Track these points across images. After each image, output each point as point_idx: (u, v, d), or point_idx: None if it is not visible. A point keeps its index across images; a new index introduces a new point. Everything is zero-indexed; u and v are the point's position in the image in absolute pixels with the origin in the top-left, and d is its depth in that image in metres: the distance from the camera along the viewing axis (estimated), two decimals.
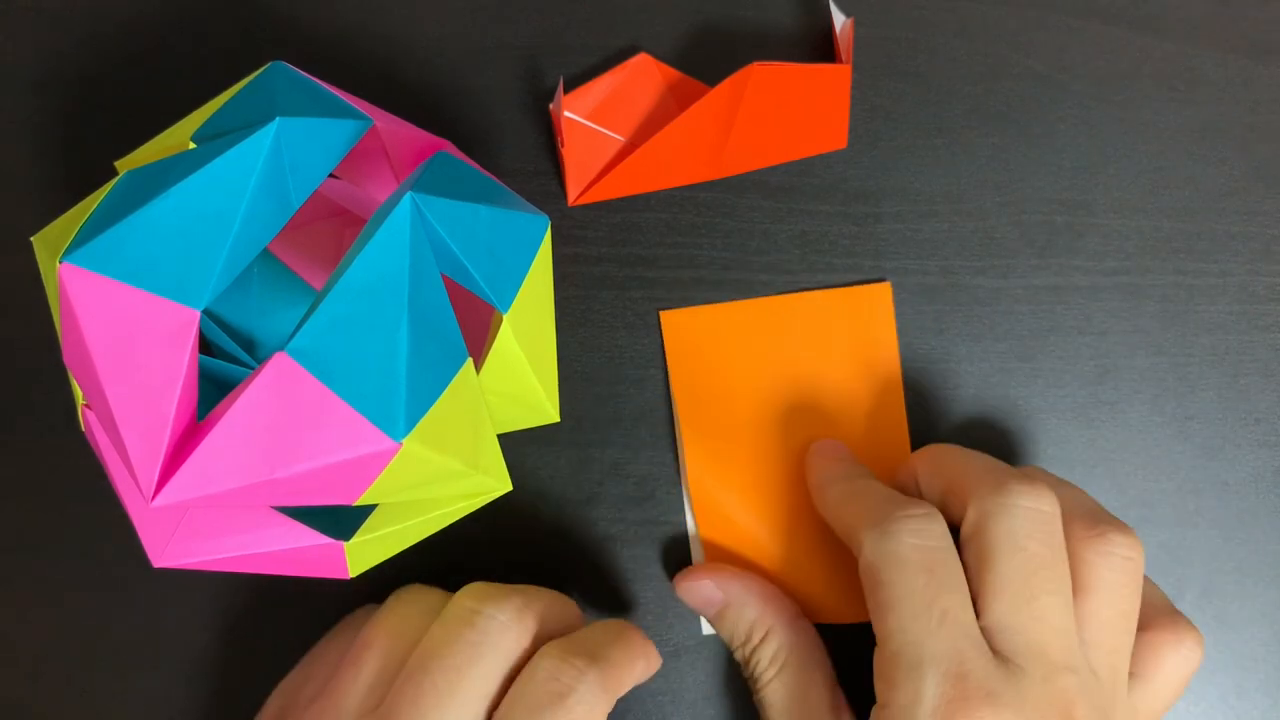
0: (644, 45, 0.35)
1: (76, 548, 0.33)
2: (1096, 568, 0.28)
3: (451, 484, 0.26)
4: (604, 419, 0.34)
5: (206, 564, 0.28)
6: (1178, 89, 0.35)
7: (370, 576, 0.33)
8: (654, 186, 0.34)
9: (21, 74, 0.34)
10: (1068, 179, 0.35)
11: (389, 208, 0.24)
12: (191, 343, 0.23)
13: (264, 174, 0.24)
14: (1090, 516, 0.29)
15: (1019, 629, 0.27)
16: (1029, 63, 0.35)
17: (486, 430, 0.26)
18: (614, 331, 0.34)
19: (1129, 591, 0.28)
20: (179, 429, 0.23)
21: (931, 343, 0.34)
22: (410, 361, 0.23)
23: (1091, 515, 0.29)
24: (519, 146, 0.34)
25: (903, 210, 0.35)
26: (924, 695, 0.26)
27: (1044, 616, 0.27)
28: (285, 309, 0.32)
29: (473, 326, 0.30)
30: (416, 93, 0.34)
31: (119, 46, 0.35)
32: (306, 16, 0.35)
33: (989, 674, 0.26)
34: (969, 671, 0.26)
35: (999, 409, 0.35)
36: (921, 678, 0.26)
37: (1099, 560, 0.28)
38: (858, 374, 0.34)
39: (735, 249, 0.34)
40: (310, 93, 0.26)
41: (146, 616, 0.33)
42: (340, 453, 0.23)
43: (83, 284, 0.22)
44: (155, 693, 0.33)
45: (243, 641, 0.33)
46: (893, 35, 0.35)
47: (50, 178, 0.34)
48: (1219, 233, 0.35)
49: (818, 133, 0.34)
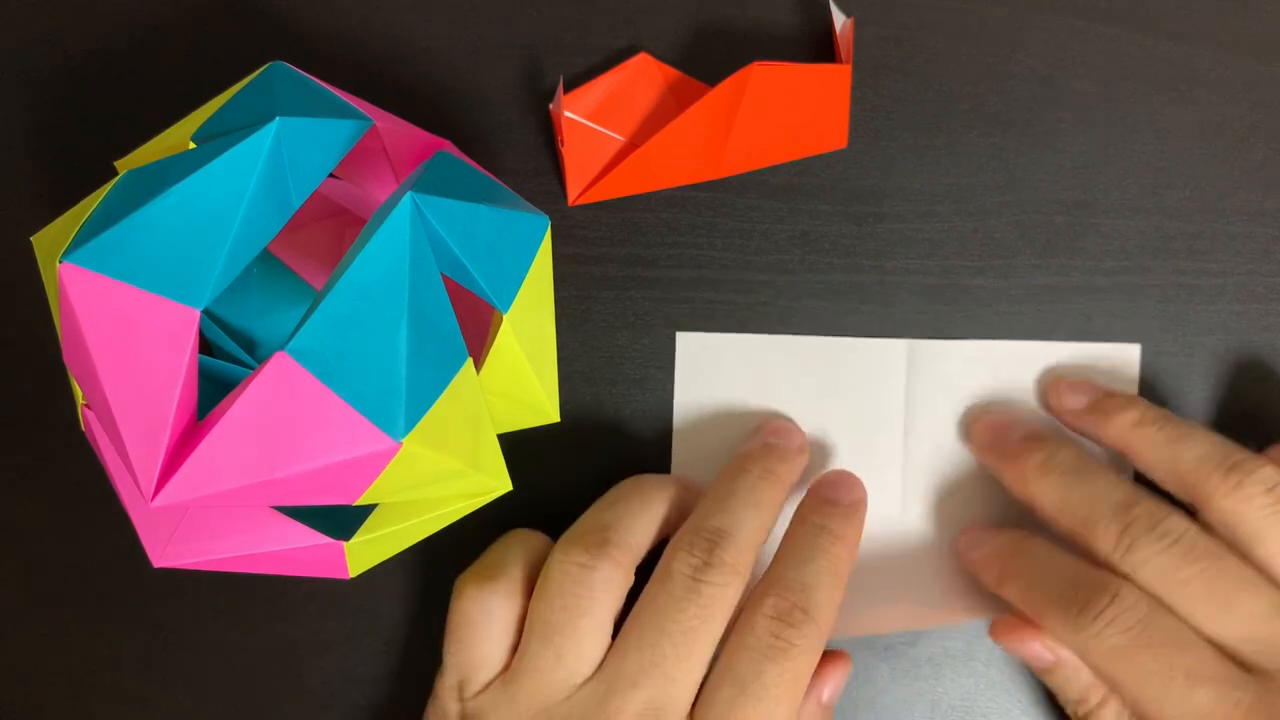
0: (644, 45, 0.35)
1: (76, 548, 0.33)
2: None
3: (451, 484, 0.26)
4: (604, 419, 0.34)
5: (206, 564, 0.28)
6: (1178, 89, 0.35)
7: (370, 577, 0.33)
8: (654, 186, 0.34)
9: (21, 74, 0.34)
10: (1068, 179, 0.35)
11: (389, 208, 0.24)
12: (191, 343, 0.23)
13: (264, 174, 0.24)
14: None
15: (1266, 637, 0.27)
16: (1029, 63, 0.35)
17: (486, 430, 0.26)
18: (614, 331, 0.34)
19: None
20: (179, 429, 0.23)
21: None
22: (410, 361, 0.23)
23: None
24: (519, 146, 0.34)
25: (903, 210, 0.35)
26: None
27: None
28: (285, 309, 0.32)
29: (473, 326, 0.30)
30: (416, 93, 0.34)
31: (119, 46, 0.35)
32: (306, 16, 0.35)
33: (1263, 694, 0.26)
34: (1248, 710, 0.26)
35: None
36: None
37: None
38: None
39: (735, 249, 0.34)
40: (310, 93, 0.26)
41: (146, 617, 0.33)
42: (340, 453, 0.23)
43: (83, 284, 0.22)
44: (155, 693, 0.33)
45: (243, 641, 0.33)
46: (893, 35, 0.35)
47: (50, 178, 0.34)
48: (1219, 233, 0.35)
49: (818, 133, 0.34)
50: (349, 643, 0.33)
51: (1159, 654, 0.27)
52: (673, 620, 0.27)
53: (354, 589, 0.33)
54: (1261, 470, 0.28)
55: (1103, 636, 0.28)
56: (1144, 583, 0.28)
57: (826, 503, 0.31)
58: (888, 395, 0.34)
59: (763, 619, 0.28)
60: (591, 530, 0.29)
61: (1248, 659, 0.27)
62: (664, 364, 0.34)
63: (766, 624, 0.28)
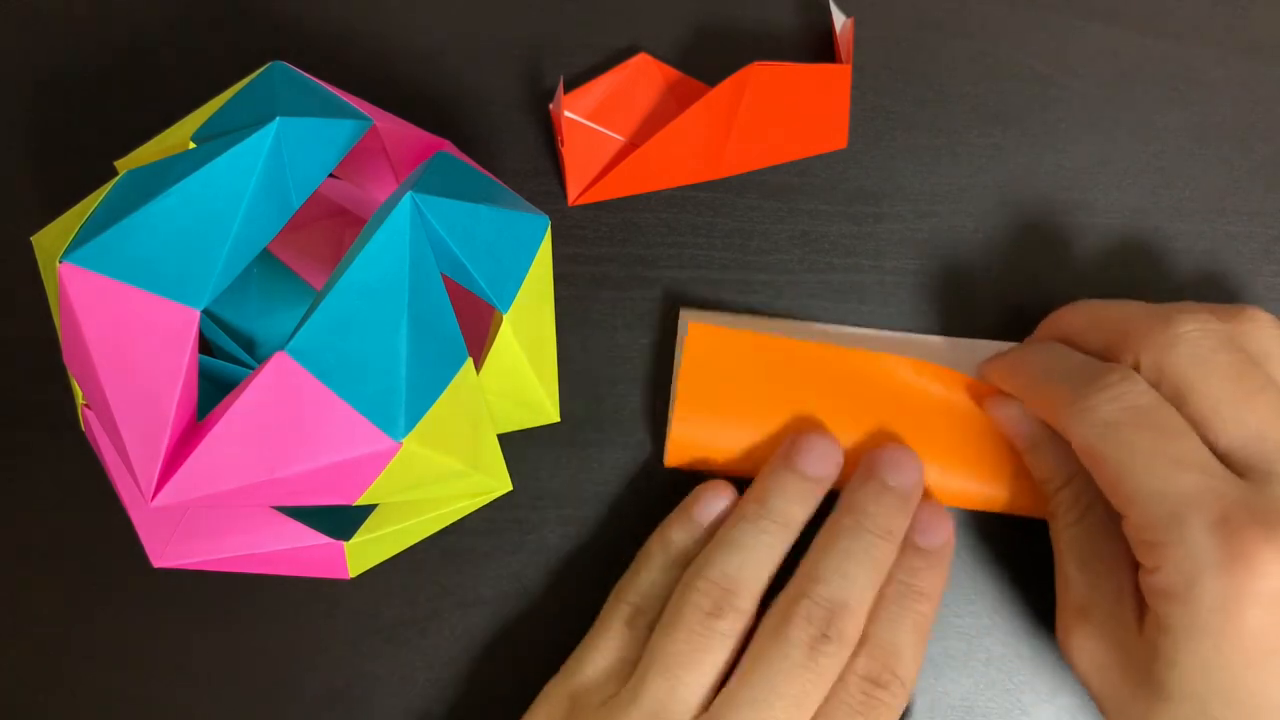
0: (644, 45, 0.35)
1: (76, 548, 0.33)
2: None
3: (451, 484, 0.26)
4: (604, 419, 0.34)
5: (206, 564, 0.28)
6: (1178, 89, 0.35)
7: (370, 576, 0.33)
8: (654, 186, 0.34)
9: (21, 74, 0.34)
10: (1068, 179, 0.35)
11: (389, 208, 0.24)
12: (191, 343, 0.23)
13: (264, 174, 0.24)
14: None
15: (1257, 435, 0.27)
16: (1029, 63, 0.35)
17: (486, 430, 0.26)
18: (614, 331, 0.34)
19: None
20: (179, 429, 0.23)
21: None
22: (410, 361, 0.23)
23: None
24: (519, 146, 0.34)
25: (903, 210, 0.35)
26: (1196, 548, 0.25)
27: (1275, 410, 0.27)
28: (285, 309, 0.32)
29: (473, 326, 0.30)
30: (416, 93, 0.34)
31: (119, 47, 0.35)
32: (306, 16, 0.35)
33: (1251, 502, 0.26)
34: (1230, 505, 0.26)
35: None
36: (1184, 530, 0.26)
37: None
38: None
39: (735, 249, 0.34)
40: (310, 93, 0.26)
41: (146, 616, 0.33)
42: (340, 453, 0.23)
43: (83, 284, 0.22)
44: (155, 693, 0.33)
45: (243, 641, 0.33)
46: (893, 35, 0.35)
47: (50, 178, 0.34)
48: (1219, 233, 0.35)
49: (818, 133, 0.34)
50: (349, 643, 0.33)
51: (1154, 436, 0.27)
52: (787, 683, 0.28)
53: (354, 589, 0.33)
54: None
55: (1103, 409, 0.27)
56: (1172, 364, 0.28)
57: (914, 552, 0.31)
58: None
59: (855, 679, 0.29)
60: (719, 580, 0.29)
61: (1242, 462, 0.27)
62: (664, 364, 0.34)
63: (859, 683, 0.29)
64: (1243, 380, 0.27)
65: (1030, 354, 0.32)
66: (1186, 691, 0.26)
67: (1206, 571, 0.25)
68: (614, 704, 0.29)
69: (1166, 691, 0.26)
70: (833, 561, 0.30)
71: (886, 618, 0.30)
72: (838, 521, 0.30)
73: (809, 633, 0.28)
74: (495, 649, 0.33)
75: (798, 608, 0.29)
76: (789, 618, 0.29)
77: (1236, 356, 0.27)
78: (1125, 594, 0.28)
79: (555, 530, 0.34)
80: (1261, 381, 0.27)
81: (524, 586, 0.33)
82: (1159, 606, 0.27)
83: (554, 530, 0.34)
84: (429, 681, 0.33)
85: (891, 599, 0.30)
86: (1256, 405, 0.27)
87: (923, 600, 0.30)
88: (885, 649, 0.29)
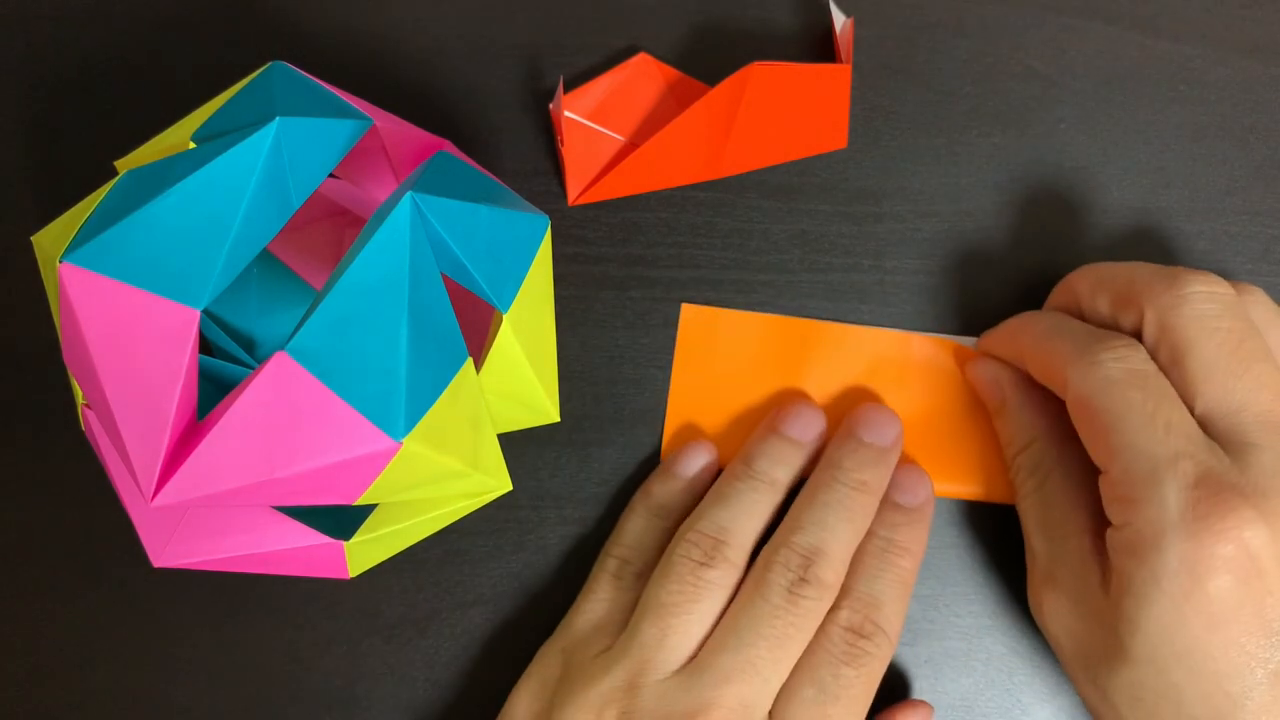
0: (644, 45, 0.35)
1: (77, 548, 0.33)
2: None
3: (451, 484, 0.26)
4: (604, 419, 0.34)
5: (206, 564, 0.28)
6: (1178, 89, 0.35)
7: (370, 576, 0.33)
8: (654, 186, 0.34)
9: (21, 74, 0.34)
10: (1068, 179, 0.35)
11: (389, 208, 0.24)
12: (191, 343, 0.23)
13: (264, 174, 0.24)
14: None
15: (1241, 406, 0.27)
16: (1029, 63, 0.35)
17: (486, 430, 0.26)
18: (614, 331, 0.34)
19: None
20: (179, 429, 0.23)
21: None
22: (410, 361, 0.23)
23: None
24: (519, 146, 0.34)
25: (903, 210, 0.35)
26: (1168, 505, 0.26)
27: (1264, 384, 0.27)
28: (285, 309, 0.32)
29: (473, 326, 0.30)
30: (416, 93, 0.34)
31: (119, 46, 0.35)
32: (306, 16, 0.35)
33: (1226, 471, 0.26)
34: (1207, 471, 0.26)
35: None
36: (1160, 489, 0.26)
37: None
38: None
39: (735, 249, 0.34)
40: (310, 93, 0.26)
41: (146, 616, 0.33)
42: (340, 453, 0.23)
43: (83, 284, 0.22)
44: (155, 693, 0.33)
45: (243, 641, 0.33)
46: (893, 35, 0.35)
47: (50, 178, 0.34)
48: (1219, 233, 0.35)
49: (818, 133, 0.34)
50: (349, 643, 0.33)
51: (1151, 398, 0.27)
52: (769, 626, 0.29)
53: (354, 589, 0.33)
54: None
55: (1106, 367, 0.28)
56: (1176, 321, 0.28)
57: (893, 509, 0.32)
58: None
59: (838, 630, 0.30)
60: (710, 531, 0.30)
61: (1222, 433, 0.27)
62: (664, 364, 0.34)
63: (841, 634, 0.30)
64: (1241, 347, 0.27)
65: (1036, 318, 0.32)
66: (1148, 654, 0.26)
67: (1173, 531, 0.26)
68: (607, 656, 0.30)
69: (1129, 654, 0.27)
70: (811, 513, 0.31)
71: (867, 572, 0.31)
72: (817, 477, 0.32)
73: (787, 577, 0.29)
74: (495, 649, 0.33)
75: (777, 555, 0.30)
76: (769, 565, 0.30)
77: (1240, 324, 0.28)
78: (1089, 557, 0.29)
79: (555, 530, 0.34)
80: (1261, 353, 0.27)
81: (524, 586, 0.33)
82: (1124, 565, 0.27)
83: (554, 530, 0.34)
84: (429, 681, 0.33)
85: (872, 554, 0.31)
86: (1248, 376, 0.27)
87: (904, 555, 0.31)
88: (866, 601, 0.30)
